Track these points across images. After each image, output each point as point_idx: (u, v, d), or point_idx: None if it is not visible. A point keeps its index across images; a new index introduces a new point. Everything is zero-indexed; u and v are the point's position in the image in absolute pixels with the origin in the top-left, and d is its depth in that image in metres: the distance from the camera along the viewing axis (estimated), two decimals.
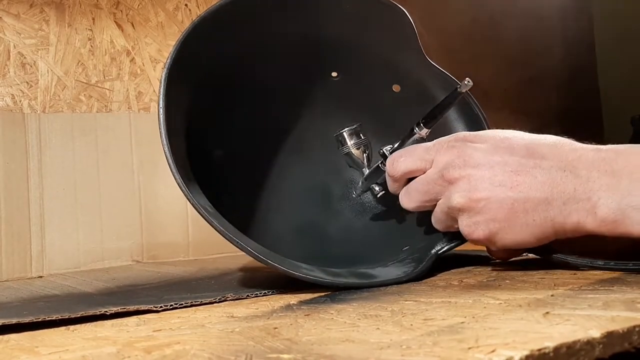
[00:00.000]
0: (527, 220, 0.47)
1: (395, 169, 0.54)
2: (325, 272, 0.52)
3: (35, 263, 0.76)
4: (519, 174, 0.47)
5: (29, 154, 0.77)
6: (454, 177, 0.49)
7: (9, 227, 0.75)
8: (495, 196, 0.47)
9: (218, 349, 0.33)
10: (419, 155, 0.53)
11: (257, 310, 0.44)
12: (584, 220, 0.45)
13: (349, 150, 0.61)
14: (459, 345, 0.30)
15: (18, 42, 0.80)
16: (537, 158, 0.47)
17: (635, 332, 0.31)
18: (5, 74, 0.79)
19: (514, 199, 0.47)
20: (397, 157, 0.54)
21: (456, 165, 0.49)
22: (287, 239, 0.64)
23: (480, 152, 0.48)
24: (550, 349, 0.28)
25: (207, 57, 0.57)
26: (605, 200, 0.43)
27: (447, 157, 0.50)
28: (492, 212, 0.48)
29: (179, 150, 0.53)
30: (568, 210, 0.45)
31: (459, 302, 0.41)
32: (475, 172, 0.48)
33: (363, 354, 0.30)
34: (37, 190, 0.77)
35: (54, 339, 0.40)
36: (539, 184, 0.46)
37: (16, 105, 0.79)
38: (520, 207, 0.46)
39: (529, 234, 0.47)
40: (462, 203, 0.49)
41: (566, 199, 0.45)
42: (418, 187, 0.53)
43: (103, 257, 0.80)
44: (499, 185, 0.47)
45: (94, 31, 0.85)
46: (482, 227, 0.48)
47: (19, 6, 0.80)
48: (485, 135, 0.50)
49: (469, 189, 0.48)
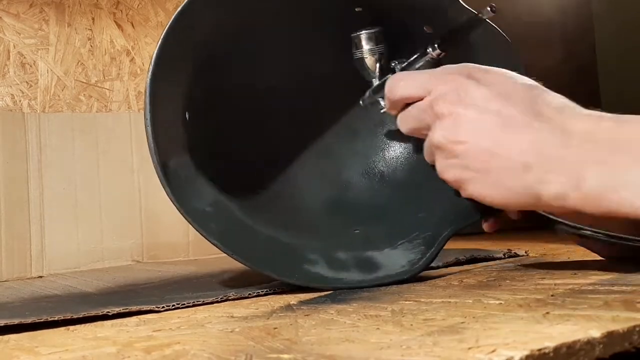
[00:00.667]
0: (500, 179, 0.44)
1: (393, 92, 0.51)
2: (329, 261, 0.51)
3: (35, 263, 0.76)
4: (508, 127, 0.43)
5: (28, 154, 0.77)
6: (441, 111, 0.46)
7: (9, 227, 0.75)
8: (474, 144, 0.44)
9: (218, 349, 0.33)
10: (420, 82, 0.49)
11: (257, 310, 0.44)
12: (566, 193, 0.41)
13: (362, 56, 0.57)
14: (459, 345, 0.30)
15: (18, 42, 0.80)
16: (532, 115, 0.43)
17: (635, 332, 0.31)
18: (5, 74, 0.79)
19: (492, 153, 0.44)
20: (397, 81, 0.51)
21: (448, 100, 0.46)
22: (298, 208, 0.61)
23: (480, 93, 0.45)
24: (550, 349, 0.28)
25: (204, 34, 0.54)
26: (594, 173, 0.40)
27: (445, 88, 0.47)
28: (467, 160, 0.45)
29: (175, 143, 0.51)
30: (549, 179, 0.42)
31: (459, 302, 0.41)
32: (465, 112, 0.45)
33: (363, 354, 0.30)
34: (37, 190, 0.77)
35: (54, 339, 0.40)
36: (525, 145, 0.42)
37: (16, 105, 0.79)
38: (496, 164, 0.44)
39: (498, 194, 0.44)
40: (440, 142, 0.46)
41: (550, 167, 0.42)
42: (412, 113, 0.50)
43: (103, 257, 0.80)
44: (482, 133, 0.44)
45: (94, 31, 0.85)
46: (454, 171, 0.46)
47: (19, 6, 0.80)
48: (494, 77, 0.46)
49: (451, 128, 0.45)
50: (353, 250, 0.54)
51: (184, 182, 0.51)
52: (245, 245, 0.51)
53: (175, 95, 0.53)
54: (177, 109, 0.53)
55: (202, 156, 0.55)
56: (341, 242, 0.56)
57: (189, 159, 0.53)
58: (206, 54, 0.55)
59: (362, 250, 0.54)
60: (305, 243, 0.55)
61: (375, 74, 0.57)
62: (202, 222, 0.50)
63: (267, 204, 0.60)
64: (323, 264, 0.53)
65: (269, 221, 0.56)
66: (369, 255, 0.54)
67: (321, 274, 0.52)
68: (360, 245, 0.55)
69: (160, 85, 0.51)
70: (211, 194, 0.53)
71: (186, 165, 0.52)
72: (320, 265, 0.53)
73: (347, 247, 0.55)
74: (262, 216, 0.56)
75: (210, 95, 0.58)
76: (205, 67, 0.56)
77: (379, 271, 0.52)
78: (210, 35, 0.55)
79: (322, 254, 0.54)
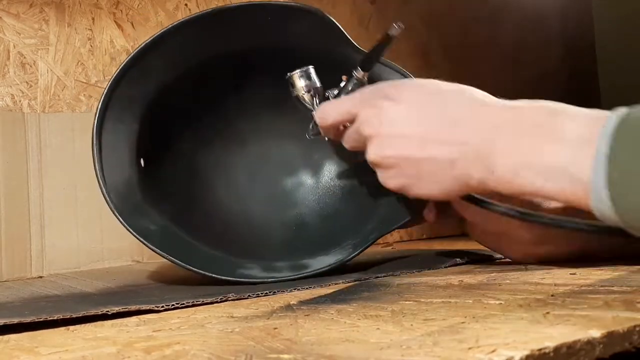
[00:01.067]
0: (434, 178, 0.50)
1: (324, 121, 0.57)
2: (266, 267, 0.58)
3: (35, 263, 0.76)
4: (429, 134, 0.49)
5: (28, 154, 0.77)
6: (368, 134, 0.53)
7: (9, 227, 0.75)
8: (404, 155, 0.51)
9: (218, 349, 0.33)
10: (345, 109, 0.56)
11: (257, 311, 0.44)
12: (486, 179, 0.47)
13: (298, 94, 0.60)
14: (460, 345, 0.30)
15: (18, 42, 0.80)
16: (447, 119, 0.49)
17: (635, 332, 0.31)
18: (5, 74, 0.79)
19: (420, 158, 0.50)
20: (325, 110, 0.58)
21: (371, 123, 0.53)
22: (243, 230, 0.66)
23: (397, 112, 0.51)
24: (550, 349, 0.28)
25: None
26: (501, 159, 0.45)
27: (366, 114, 0.53)
28: (401, 169, 0.51)
29: (125, 181, 0.58)
30: (471, 169, 0.47)
31: (459, 302, 0.41)
32: (388, 131, 0.51)
33: (363, 354, 0.30)
34: (37, 190, 0.77)
35: (54, 339, 0.40)
36: (446, 145, 0.48)
37: (16, 105, 0.79)
38: (426, 167, 0.50)
39: (437, 189, 0.51)
40: (375, 160, 0.53)
41: (470, 158, 0.47)
42: (347, 138, 0.57)
43: (103, 257, 0.80)
44: (408, 144, 0.50)
45: (94, 31, 0.85)
46: (394, 180, 0.53)
47: (19, 6, 0.80)
48: (407, 91, 0.52)
49: (381, 147, 0.52)
50: (291, 261, 0.61)
51: (130, 206, 0.58)
52: (185, 255, 0.57)
53: (123, 141, 0.59)
54: (125, 153, 0.60)
55: (150, 191, 0.61)
56: (282, 256, 0.61)
57: (138, 191, 0.59)
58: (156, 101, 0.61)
59: (297, 259, 0.61)
60: (245, 258, 0.60)
61: (313, 108, 0.61)
62: (148, 236, 0.56)
63: (211, 225, 0.65)
64: (258, 269, 0.59)
65: (210, 241, 0.61)
66: (304, 261, 0.60)
67: (253, 275, 0.58)
68: (298, 256, 0.61)
69: (108, 129, 0.58)
70: (158, 219, 0.59)
71: (133, 193, 0.59)
72: (255, 271, 0.59)
73: (286, 259, 0.61)
74: (205, 236, 0.61)
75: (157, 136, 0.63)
76: (156, 113, 0.61)
77: (307, 269, 0.59)
78: (159, 84, 0.61)
79: (259, 264, 0.60)
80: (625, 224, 0.41)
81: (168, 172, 0.64)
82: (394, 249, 0.82)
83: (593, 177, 0.40)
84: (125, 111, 0.59)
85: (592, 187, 0.40)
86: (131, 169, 0.59)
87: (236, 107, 0.68)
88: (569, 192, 0.42)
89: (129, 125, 0.59)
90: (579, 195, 0.42)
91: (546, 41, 1.43)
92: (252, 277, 0.57)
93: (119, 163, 0.58)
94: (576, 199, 0.42)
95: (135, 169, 0.60)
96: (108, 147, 0.57)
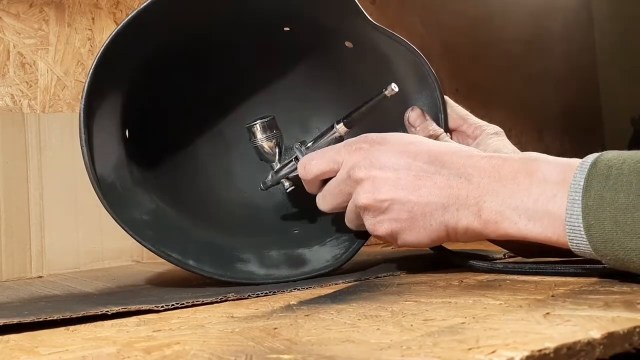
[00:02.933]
0: (425, 223, 0.50)
1: (307, 172, 0.56)
2: (261, 259, 0.57)
3: (35, 263, 0.76)
4: (421, 178, 0.50)
5: (28, 154, 0.77)
6: (359, 177, 0.52)
7: (8, 227, 0.75)
8: (398, 198, 0.50)
9: (218, 349, 0.33)
10: (330, 158, 0.55)
11: (257, 311, 0.44)
12: (472, 223, 0.48)
13: (260, 144, 0.61)
14: (460, 345, 0.30)
15: (18, 42, 0.80)
16: (438, 165, 0.50)
17: (635, 333, 0.31)
18: (4, 74, 0.79)
19: (414, 202, 0.50)
20: (309, 160, 0.56)
21: (362, 166, 0.52)
22: (235, 211, 0.65)
23: (386, 155, 0.51)
24: (550, 350, 0.28)
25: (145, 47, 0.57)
26: (489, 203, 0.47)
27: (355, 158, 0.52)
28: (394, 213, 0.51)
29: (112, 159, 0.56)
30: (460, 215, 0.49)
31: (459, 303, 0.41)
32: (380, 173, 0.51)
33: (363, 354, 0.30)
34: (37, 190, 0.77)
35: (54, 339, 0.40)
36: (438, 190, 0.49)
37: (16, 105, 0.79)
38: (420, 211, 0.50)
39: (425, 235, 0.51)
40: (367, 203, 0.51)
41: (460, 204, 0.49)
42: (331, 189, 0.55)
43: (103, 257, 0.80)
44: (402, 188, 0.50)
45: (94, 31, 0.85)
46: (385, 226, 0.51)
47: (19, 6, 0.80)
48: (392, 139, 0.52)
49: (374, 189, 0.51)
50: (285, 249, 0.60)
51: (121, 194, 0.56)
52: (180, 249, 0.55)
53: (110, 114, 0.57)
54: (113, 127, 0.57)
55: (141, 170, 0.60)
56: (275, 241, 0.61)
57: (127, 174, 0.58)
58: (142, 75, 0.59)
59: (294, 248, 0.60)
60: (239, 243, 0.59)
61: (275, 158, 0.62)
62: (138, 229, 0.54)
63: (204, 208, 0.64)
64: (255, 262, 0.58)
65: (205, 224, 0.61)
66: (299, 253, 0.59)
67: (252, 271, 0.57)
68: (293, 244, 0.60)
69: (95, 106, 0.55)
70: (149, 204, 0.58)
71: (124, 179, 0.57)
72: (252, 263, 0.57)
73: (280, 246, 0.60)
74: (198, 220, 0.61)
75: (146, 114, 0.62)
76: (141, 88, 0.59)
77: (305, 267, 0.58)
78: (145, 57, 0.58)
79: (254, 252, 0.58)
80: (597, 253, 0.43)
81: (157, 152, 0.63)
82: (394, 249, 0.82)
83: (570, 208, 0.43)
84: (112, 88, 0.56)
85: (567, 219, 0.43)
86: (120, 150, 0.57)
87: (228, 83, 0.66)
88: (550, 231, 0.45)
89: (115, 104, 0.57)
90: (558, 231, 0.44)
91: (547, 41, 1.43)
92: (251, 274, 0.56)
93: (108, 145, 0.56)
94: (555, 235, 0.45)
95: (123, 150, 0.58)
96: (96, 131, 0.55)
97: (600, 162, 0.43)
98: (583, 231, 0.42)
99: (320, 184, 0.57)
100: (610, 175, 0.42)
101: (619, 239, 0.41)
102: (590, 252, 0.43)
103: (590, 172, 0.43)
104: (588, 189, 0.42)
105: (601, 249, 0.42)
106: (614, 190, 0.41)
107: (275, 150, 0.61)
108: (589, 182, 0.42)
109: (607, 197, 0.41)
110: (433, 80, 0.61)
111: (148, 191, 0.59)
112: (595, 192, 0.42)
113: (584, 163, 0.44)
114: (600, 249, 0.42)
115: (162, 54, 0.60)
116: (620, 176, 0.41)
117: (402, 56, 0.60)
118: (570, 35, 1.46)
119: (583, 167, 0.43)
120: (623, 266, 0.43)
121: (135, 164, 0.59)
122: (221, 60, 0.65)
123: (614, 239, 0.41)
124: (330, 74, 0.66)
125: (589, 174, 0.43)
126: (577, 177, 0.43)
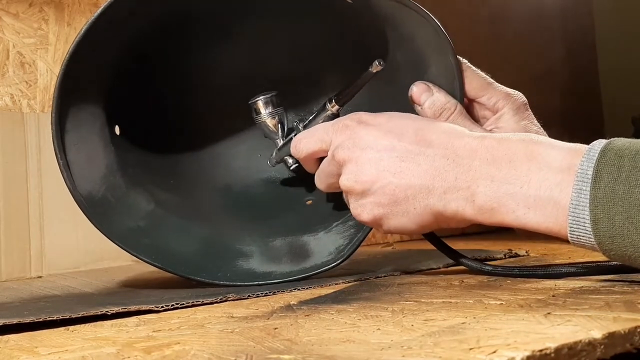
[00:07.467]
0: (409, 207, 0.48)
1: (298, 151, 0.55)
2: (264, 251, 0.56)
3: (35, 263, 0.76)
4: (404, 160, 0.47)
5: (28, 154, 0.77)
6: (342, 158, 0.50)
7: (8, 227, 0.75)
8: (378, 180, 0.48)
9: (218, 349, 0.33)
10: (318, 137, 0.53)
11: (257, 311, 0.44)
12: (463, 209, 0.45)
13: (264, 120, 0.60)
14: (460, 345, 0.30)
15: (17, 41, 0.80)
16: (423, 145, 0.47)
17: (636, 332, 0.31)
18: (4, 74, 0.79)
19: (395, 184, 0.47)
20: (300, 140, 0.55)
21: (345, 146, 0.50)
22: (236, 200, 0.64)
23: (371, 135, 0.49)
24: (551, 350, 0.28)
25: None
26: (482, 188, 0.44)
27: (340, 138, 0.51)
28: (376, 196, 0.48)
29: (99, 170, 0.55)
30: (448, 198, 0.46)
31: (460, 303, 0.41)
32: (363, 154, 0.49)
33: (364, 354, 0.30)
34: (37, 190, 0.77)
35: (53, 339, 0.40)
36: (422, 172, 0.47)
37: (15, 105, 0.79)
38: (402, 194, 0.47)
39: (409, 221, 0.48)
40: (349, 185, 0.50)
41: (447, 187, 0.46)
42: (323, 169, 0.54)
43: (103, 257, 0.80)
44: (383, 169, 0.48)
45: None
46: (368, 211, 0.49)
47: (18, 5, 0.80)
48: (381, 118, 0.50)
49: (356, 171, 0.49)
50: (290, 235, 0.58)
51: (113, 204, 0.55)
52: (179, 251, 0.55)
53: (92, 115, 0.55)
54: (95, 134, 0.56)
55: (136, 168, 0.58)
56: (281, 226, 0.59)
57: (119, 179, 0.56)
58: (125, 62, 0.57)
59: (299, 234, 0.58)
60: (242, 232, 0.58)
61: (278, 135, 0.60)
62: (134, 241, 0.54)
63: (206, 198, 0.62)
64: (257, 256, 0.56)
65: (206, 216, 0.59)
66: (304, 241, 0.58)
67: (252, 269, 0.55)
68: (298, 228, 0.59)
69: (71, 118, 0.54)
70: (146, 205, 0.57)
71: (116, 186, 0.56)
72: (254, 259, 0.56)
73: (286, 232, 0.58)
74: (199, 212, 0.59)
75: (134, 104, 0.60)
76: (124, 78, 0.58)
77: (307, 261, 0.56)
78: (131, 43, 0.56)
79: (258, 244, 0.57)
80: (601, 247, 0.41)
81: (153, 144, 0.61)
82: (394, 249, 0.82)
83: (575, 198, 0.40)
84: (88, 89, 0.54)
85: (572, 209, 0.41)
86: (108, 156, 0.56)
87: (214, 70, 0.64)
88: (552, 221, 0.42)
89: (95, 102, 0.55)
90: (560, 222, 0.42)
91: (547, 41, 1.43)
92: (251, 274, 0.55)
93: (94, 156, 0.55)
94: (556, 226, 0.42)
95: (113, 154, 0.56)
96: (77, 147, 0.54)
97: (610, 151, 0.41)
98: (589, 224, 0.40)
99: (315, 162, 0.55)
100: (622, 166, 0.40)
101: (630, 235, 0.39)
102: (591, 245, 0.41)
103: (600, 162, 0.40)
104: (597, 180, 0.40)
105: (607, 244, 0.40)
106: (628, 184, 0.39)
107: (278, 127, 0.60)
108: (598, 172, 0.40)
109: (619, 190, 0.39)
110: (445, 41, 0.55)
111: (144, 189, 0.58)
112: (606, 185, 0.40)
113: (592, 150, 0.41)
114: (605, 243, 0.40)
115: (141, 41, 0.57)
116: (634, 170, 0.39)
117: (409, 17, 0.55)
118: (571, 35, 1.46)
119: (591, 155, 0.41)
120: (627, 262, 0.41)
121: (129, 164, 0.58)
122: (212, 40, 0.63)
123: (624, 235, 0.39)
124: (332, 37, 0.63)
125: (599, 164, 0.40)
126: (584, 166, 0.41)
